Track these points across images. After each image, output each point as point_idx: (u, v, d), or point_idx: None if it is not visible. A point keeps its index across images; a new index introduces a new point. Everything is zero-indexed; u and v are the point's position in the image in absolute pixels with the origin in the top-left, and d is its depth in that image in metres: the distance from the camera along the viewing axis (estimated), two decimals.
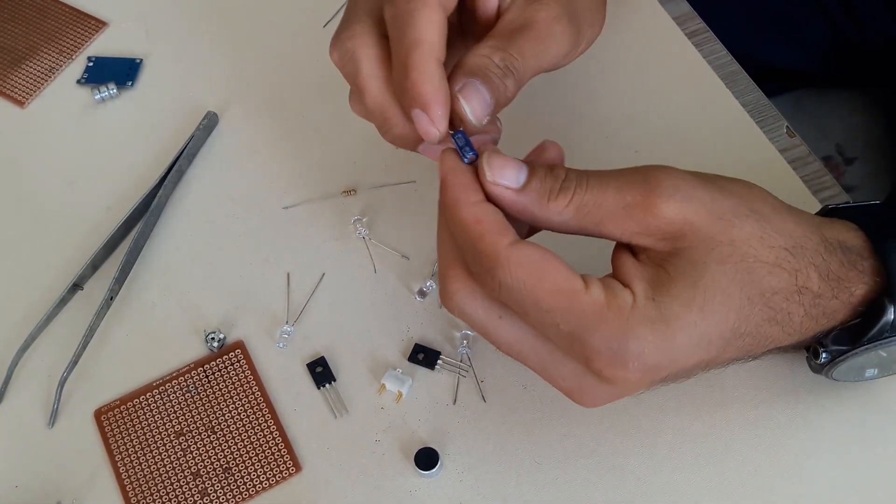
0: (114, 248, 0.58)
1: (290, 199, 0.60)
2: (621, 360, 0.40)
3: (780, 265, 0.42)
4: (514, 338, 0.43)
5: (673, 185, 0.41)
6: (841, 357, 0.45)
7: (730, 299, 0.41)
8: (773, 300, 0.41)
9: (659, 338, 0.40)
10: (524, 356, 0.43)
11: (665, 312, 0.40)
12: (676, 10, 0.65)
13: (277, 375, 0.54)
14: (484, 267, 0.41)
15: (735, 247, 0.41)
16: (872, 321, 0.43)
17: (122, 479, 0.51)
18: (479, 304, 0.42)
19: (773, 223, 0.42)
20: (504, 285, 0.40)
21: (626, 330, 0.40)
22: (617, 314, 0.40)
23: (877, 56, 0.80)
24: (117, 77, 0.65)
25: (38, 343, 0.55)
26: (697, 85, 0.62)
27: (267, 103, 0.64)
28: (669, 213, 0.41)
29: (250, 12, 0.69)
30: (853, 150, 0.82)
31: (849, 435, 0.50)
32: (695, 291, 0.40)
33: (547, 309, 0.40)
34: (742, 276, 0.41)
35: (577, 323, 0.40)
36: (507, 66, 0.46)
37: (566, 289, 0.40)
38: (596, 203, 0.42)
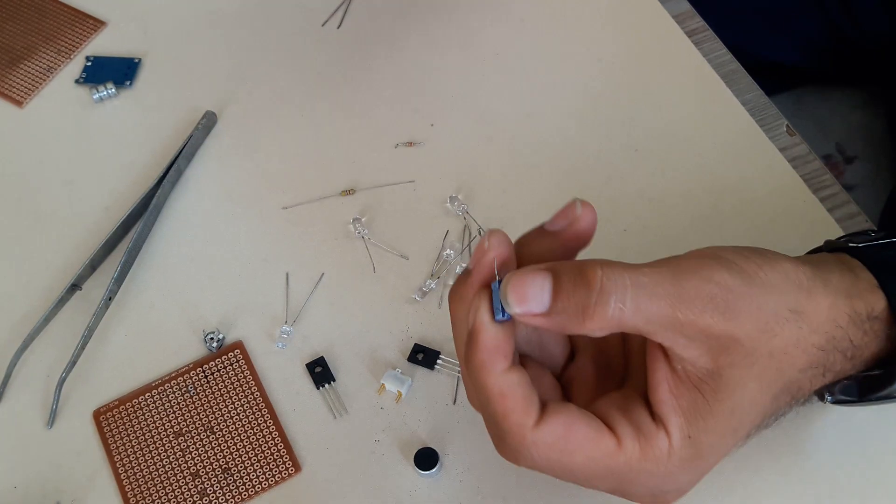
0: (112, 248, 0.58)
1: (289, 199, 0.60)
2: (661, 499, 0.41)
3: (812, 366, 0.41)
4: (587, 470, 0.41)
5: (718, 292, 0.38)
6: (846, 404, 0.45)
7: (760, 408, 0.41)
8: (798, 388, 0.41)
9: (695, 471, 0.41)
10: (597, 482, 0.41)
11: (700, 449, 0.40)
12: (676, 8, 0.65)
13: (277, 375, 0.54)
14: (511, 446, 0.40)
15: (773, 358, 0.39)
16: (885, 384, 0.43)
17: (121, 479, 0.51)
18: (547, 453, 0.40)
19: (810, 320, 0.40)
20: (536, 465, 0.40)
21: (665, 477, 0.40)
22: (654, 465, 0.39)
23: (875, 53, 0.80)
24: (116, 77, 0.65)
25: (37, 343, 0.55)
26: (697, 83, 0.62)
27: (266, 103, 0.64)
28: (714, 328, 0.38)
29: (249, 12, 0.69)
30: (853, 149, 0.82)
31: (849, 435, 0.49)
32: (731, 419, 0.39)
33: (584, 478, 0.40)
34: (775, 383, 0.40)
35: (617, 480, 0.40)
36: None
37: (598, 455, 0.39)
38: (643, 316, 0.37)
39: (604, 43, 0.65)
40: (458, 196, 0.59)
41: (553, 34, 0.66)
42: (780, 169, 0.58)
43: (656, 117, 0.61)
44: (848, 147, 0.82)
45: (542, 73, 0.64)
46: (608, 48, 0.64)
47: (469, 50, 0.65)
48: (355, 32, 0.67)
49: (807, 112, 0.84)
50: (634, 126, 0.61)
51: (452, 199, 0.58)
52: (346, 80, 0.65)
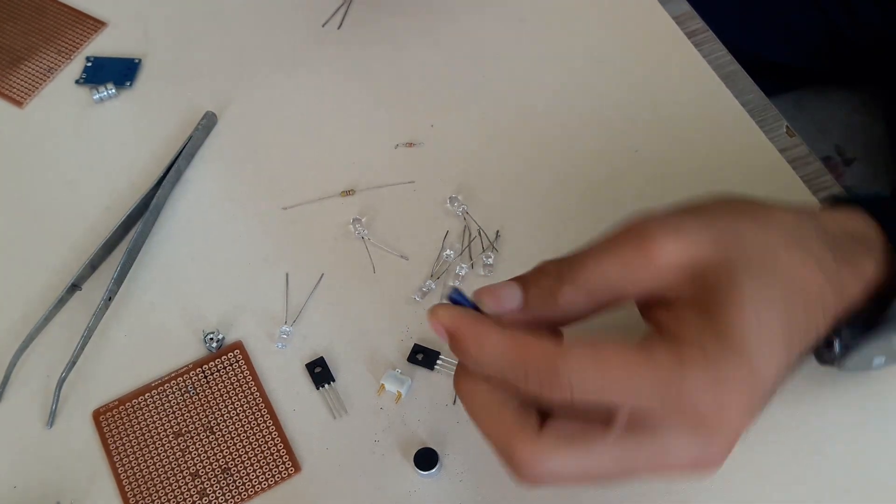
0: (112, 248, 0.58)
1: (289, 200, 0.60)
2: (722, 403, 0.38)
3: (807, 260, 0.41)
4: (610, 458, 0.39)
5: (659, 223, 0.41)
6: (854, 344, 0.44)
7: (774, 303, 0.39)
8: (808, 293, 0.41)
9: (741, 367, 0.38)
10: (631, 466, 0.39)
11: (732, 343, 0.38)
12: (676, 9, 0.65)
13: (276, 376, 0.54)
14: (544, 373, 0.38)
15: (751, 258, 0.40)
16: (885, 305, 0.43)
17: (120, 479, 0.51)
18: (560, 454, 0.39)
19: (768, 219, 0.42)
20: (576, 379, 0.38)
21: (713, 373, 0.38)
22: (694, 363, 0.38)
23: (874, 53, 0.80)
24: (116, 77, 0.65)
25: (37, 343, 0.55)
26: (697, 84, 0.62)
27: (266, 103, 0.64)
28: (671, 256, 0.40)
29: (249, 12, 0.69)
30: (852, 151, 0.82)
31: (850, 435, 0.49)
32: (744, 312, 0.39)
33: (628, 383, 0.38)
34: (772, 280, 0.40)
35: (665, 385, 0.38)
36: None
37: (633, 358, 0.38)
38: (602, 274, 0.40)
39: (604, 44, 0.65)
40: (458, 196, 0.59)
41: (553, 34, 0.66)
42: (780, 170, 0.58)
43: (656, 118, 0.61)
44: (847, 149, 0.83)
45: (542, 74, 0.64)
46: (608, 49, 0.64)
47: (469, 50, 0.65)
48: (355, 32, 0.67)
49: (806, 113, 0.84)
50: (634, 127, 0.61)
51: (452, 199, 0.58)
52: (346, 80, 0.65)
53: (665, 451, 0.39)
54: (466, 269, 0.56)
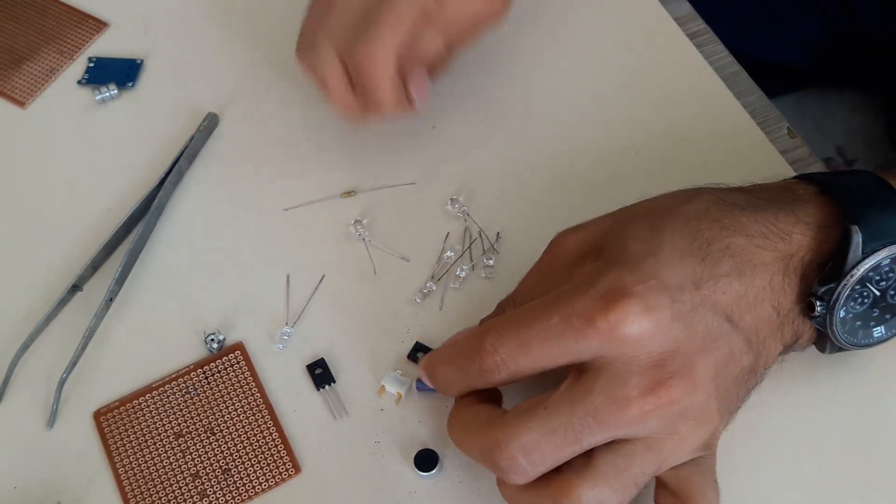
0: (113, 249, 0.58)
1: (290, 201, 0.60)
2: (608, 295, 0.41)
3: (694, 199, 0.45)
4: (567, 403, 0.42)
5: (562, 232, 0.48)
6: (833, 299, 0.44)
7: (661, 228, 0.44)
8: (710, 214, 0.44)
9: (622, 266, 0.42)
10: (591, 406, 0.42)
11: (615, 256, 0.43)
12: (678, 10, 0.65)
13: (277, 377, 0.54)
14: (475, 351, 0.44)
15: (636, 210, 0.46)
16: (845, 247, 0.43)
17: (121, 480, 0.51)
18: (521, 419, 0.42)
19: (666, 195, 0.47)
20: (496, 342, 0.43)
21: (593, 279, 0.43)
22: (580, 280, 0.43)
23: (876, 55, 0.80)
24: (118, 78, 0.65)
25: (38, 344, 0.55)
26: (698, 86, 0.62)
27: (268, 104, 0.64)
28: (570, 241, 0.47)
29: (251, 13, 0.69)
30: (854, 152, 0.82)
31: (849, 437, 0.49)
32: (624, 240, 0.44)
33: (534, 322, 0.43)
34: (660, 214, 0.45)
35: (559, 306, 0.42)
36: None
37: (534, 304, 0.44)
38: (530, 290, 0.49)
39: (605, 45, 0.65)
40: (459, 198, 0.59)
41: (553, 35, 0.66)
42: (782, 171, 0.58)
43: (657, 119, 0.61)
44: (848, 150, 0.82)
45: (542, 75, 0.64)
46: (609, 50, 0.64)
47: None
48: None
49: (808, 115, 0.84)
50: (635, 128, 0.61)
51: (453, 200, 0.58)
52: None
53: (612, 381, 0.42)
54: (467, 270, 0.56)
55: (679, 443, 0.43)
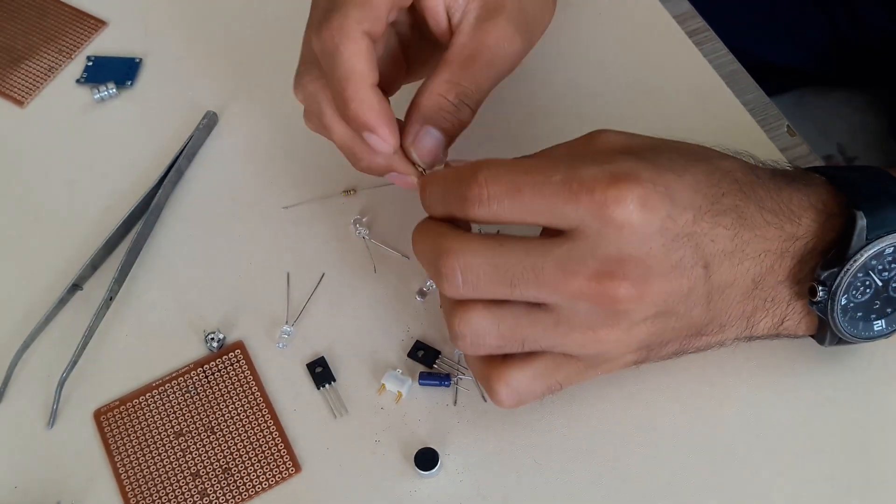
0: (113, 248, 0.58)
1: (289, 199, 0.60)
2: (618, 175, 0.41)
3: (728, 157, 0.46)
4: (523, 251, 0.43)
5: (608, 130, 0.47)
6: (835, 285, 0.44)
7: (693, 164, 0.44)
8: (736, 174, 0.45)
9: (643, 160, 0.43)
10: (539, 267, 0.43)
11: (641, 154, 0.44)
12: (677, 8, 0.65)
13: (277, 376, 0.54)
14: (466, 177, 0.43)
15: (679, 146, 0.46)
16: (849, 233, 0.44)
17: (121, 479, 0.51)
18: (478, 243, 0.43)
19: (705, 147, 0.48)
20: (489, 177, 0.43)
21: (613, 157, 0.43)
22: (601, 150, 0.45)
23: (877, 54, 0.80)
24: (117, 77, 0.65)
25: (38, 343, 0.55)
26: (698, 84, 0.62)
27: (267, 103, 0.64)
28: (612, 138, 0.46)
29: (250, 11, 0.69)
30: (854, 150, 0.82)
31: (849, 436, 0.49)
32: (660, 148, 0.45)
33: (536, 171, 0.43)
34: (696, 156, 0.45)
35: (566, 166, 0.42)
36: (461, 101, 0.49)
37: (544, 154, 0.46)
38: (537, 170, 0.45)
39: (604, 43, 0.65)
40: None
41: (553, 34, 0.65)
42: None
43: (657, 117, 0.61)
44: (849, 147, 0.82)
45: (542, 73, 0.64)
46: (608, 48, 0.64)
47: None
48: None
49: (808, 112, 0.84)
50: (635, 126, 0.60)
51: None
52: None
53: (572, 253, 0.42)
54: None
55: (587, 340, 0.44)
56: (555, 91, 0.63)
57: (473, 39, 0.50)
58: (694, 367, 0.51)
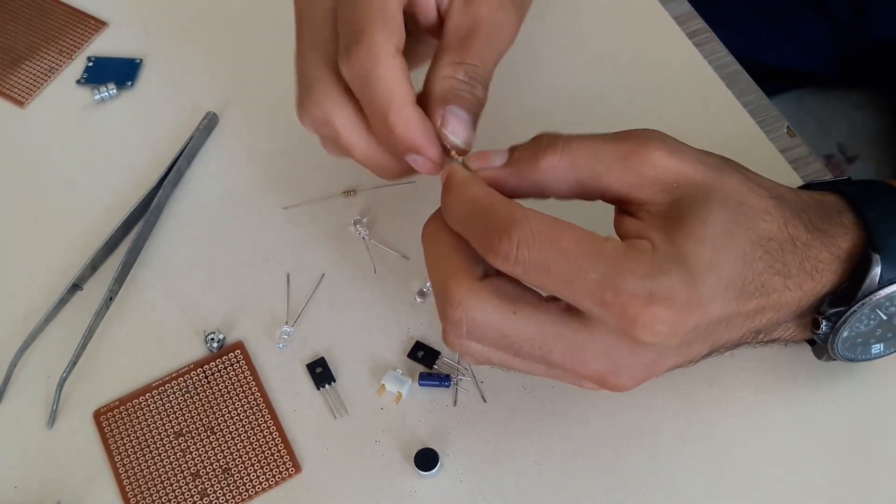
0: (113, 248, 0.58)
1: (289, 200, 0.60)
2: (657, 299, 0.39)
3: (770, 212, 0.43)
4: (536, 329, 0.42)
5: (661, 139, 0.43)
6: (840, 321, 0.44)
7: (736, 240, 0.42)
8: (770, 246, 0.43)
9: (685, 272, 0.40)
10: (548, 348, 0.42)
11: (683, 250, 0.40)
12: (677, 9, 0.65)
13: (277, 376, 0.54)
14: (500, 229, 0.40)
15: (728, 194, 0.42)
16: (862, 274, 0.43)
17: (121, 479, 0.51)
18: (490, 303, 0.41)
19: (754, 178, 0.44)
20: (523, 242, 0.40)
21: (655, 267, 0.40)
22: (642, 255, 0.40)
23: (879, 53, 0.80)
24: (117, 77, 0.65)
25: (38, 343, 0.55)
26: (698, 85, 0.62)
27: (267, 103, 0.64)
28: (663, 161, 0.42)
29: (250, 12, 0.69)
30: (854, 149, 0.82)
31: (849, 437, 0.49)
32: (705, 228, 0.41)
33: (572, 257, 0.39)
34: (742, 219, 0.42)
35: (606, 267, 0.39)
36: (471, 77, 0.47)
37: (587, 238, 0.40)
38: (590, 155, 0.43)
39: (604, 44, 0.65)
40: None
41: (552, 34, 0.66)
42: (782, 170, 0.58)
43: (656, 118, 0.61)
44: (849, 146, 0.82)
45: (541, 74, 0.64)
46: (608, 49, 0.64)
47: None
48: None
49: (808, 111, 0.84)
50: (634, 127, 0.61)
51: None
52: None
53: (582, 346, 0.41)
54: None
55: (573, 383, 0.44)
56: (555, 92, 0.63)
57: (466, 17, 0.48)
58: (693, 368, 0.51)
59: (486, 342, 0.42)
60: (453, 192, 0.43)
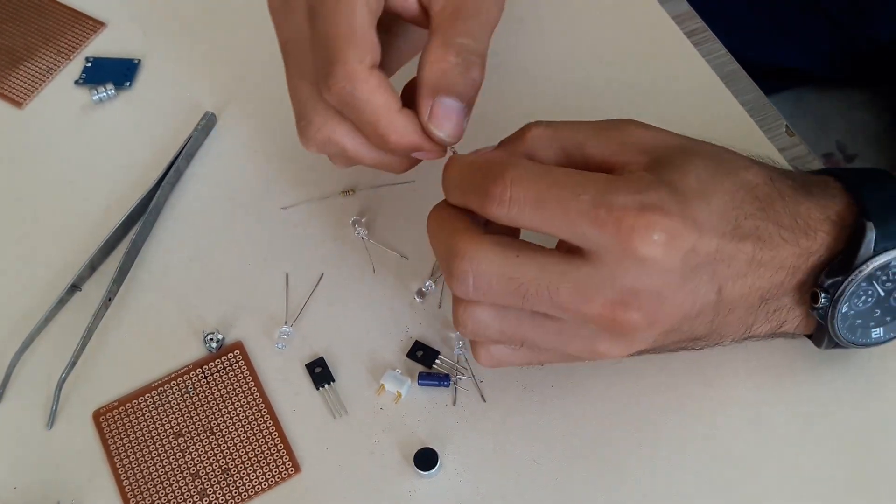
0: (112, 248, 0.58)
1: (288, 200, 0.60)
2: (648, 207, 0.40)
3: (752, 168, 0.45)
4: (539, 268, 0.42)
5: (638, 121, 0.46)
6: (838, 293, 0.45)
7: (721, 181, 0.43)
8: (758, 192, 0.44)
9: (673, 191, 0.41)
10: (554, 287, 0.42)
11: (669, 177, 0.42)
12: (675, 9, 0.65)
13: (276, 376, 0.54)
14: (494, 174, 0.42)
15: (708, 151, 0.45)
16: (857, 242, 0.44)
17: (120, 480, 0.51)
18: (493, 251, 0.43)
19: (729, 150, 0.46)
20: (516, 180, 0.42)
21: (645, 184, 0.41)
22: (631, 175, 0.42)
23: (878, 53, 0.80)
24: (115, 77, 0.65)
25: (37, 344, 0.55)
26: (697, 84, 0.62)
27: (265, 103, 0.64)
28: (639, 132, 0.45)
29: (248, 12, 0.68)
30: (854, 147, 0.82)
31: (849, 436, 0.49)
32: (688, 165, 0.43)
33: (564, 184, 0.41)
34: (723, 167, 0.44)
35: (597, 187, 0.41)
36: (464, 57, 0.47)
37: (576, 170, 0.43)
38: (572, 128, 0.45)
39: (603, 43, 0.65)
40: None
41: (552, 34, 0.66)
42: None
43: (655, 117, 0.60)
44: (849, 145, 0.82)
45: (541, 73, 0.64)
46: (607, 48, 0.64)
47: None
48: None
49: (808, 110, 0.84)
50: None
51: None
52: None
53: (589, 279, 0.42)
54: None
55: (586, 350, 0.45)
56: (554, 91, 0.63)
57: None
58: (693, 367, 0.51)
59: (493, 293, 0.43)
60: (452, 164, 0.46)
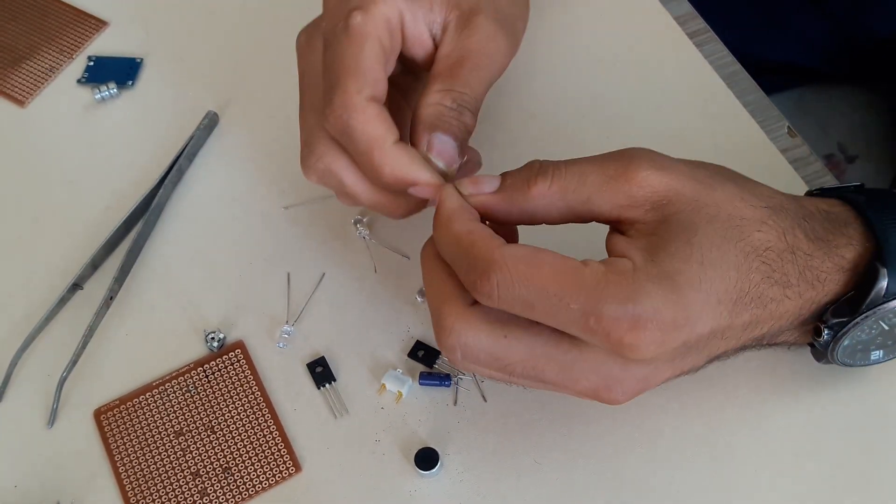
0: (114, 247, 0.58)
1: (290, 199, 0.60)
2: (640, 321, 0.39)
3: (766, 222, 0.43)
4: (527, 351, 0.42)
5: (649, 157, 0.43)
6: (842, 331, 0.44)
7: (726, 254, 0.41)
8: (767, 255, 0.42)
9: (668, 291, 0.40)
10: (540, 369, 0.43)
11: (667, 269, 0.41)
12: (677, 9, 0.65)
13: (277, 375, 0.54)
14: (479, 271, 0.41)
15: (720, 207, 0.42)
16: (868, 287, 0.43)
17: (121, 479, 0.51)
18: (481, 329, 0.42)
19: (749, 188, 0.44)
20: (502, 284, 0.40)
21: (636, 289, 0.40)
22: (621, 278, 0.40)
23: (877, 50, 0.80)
24: (117, 76, 0.65)
25: (38, 343, 0.55)
26: (698, 85, 0.62)
27: (268, 103, 0.64)
28: (651, 180, 0.42)
29: (251, 11, 0.69)
30: (855, 148, 0.82)
31: (849, 436, 0.49)
32: (691, 248, 0.41)
33: (553, 292, 0.40)
34: (733, 233, 0.42)
35: (587, 296, 0.40)
36: (459, 104, 0.48)
37: (565, 268, 0.41)
38: (579, 179, 0.43)
39: (604, 44, 0.65)
40: None
41: (553, 34, 0.66)
42: (782, 170, 0.58)
43: (657, 118, 0.61)
44: (850, 146, 0.82)
45: (541, 74, 0.64)
46: (609, 49, 0.64)
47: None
48: None
49: (809, 111, 0.84)
50: (635, 127, 0.61)
51: None
52: None
53: (572, 365, 0.42)
54: None
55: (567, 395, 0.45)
56: (555, 92, 0.63)
57: (457, 47, 0.49)
58: None
59: (481, 364, 0.43)
60: (439, 227, 0.44)
